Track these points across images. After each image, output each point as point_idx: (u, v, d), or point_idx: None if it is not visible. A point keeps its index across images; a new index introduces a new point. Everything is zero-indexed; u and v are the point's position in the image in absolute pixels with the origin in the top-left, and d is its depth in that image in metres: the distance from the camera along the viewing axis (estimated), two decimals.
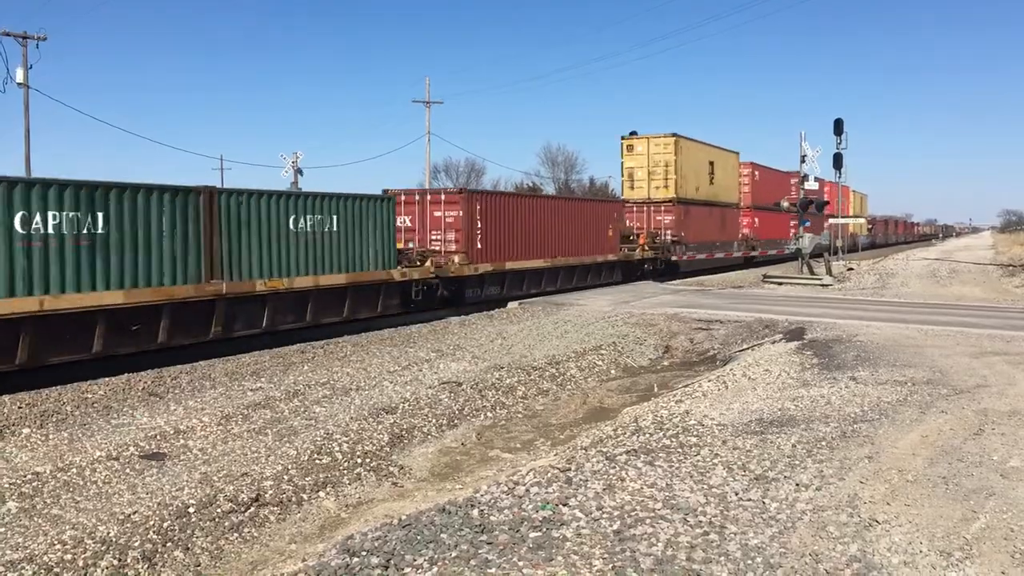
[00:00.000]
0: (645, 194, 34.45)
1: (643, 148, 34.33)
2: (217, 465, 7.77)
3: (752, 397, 9.90)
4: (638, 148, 34.38)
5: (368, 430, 9.17)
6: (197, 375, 12.06)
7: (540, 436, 9.71)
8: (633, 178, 34.66)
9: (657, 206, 34.22)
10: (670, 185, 34.13)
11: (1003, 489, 6.35)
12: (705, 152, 37.23)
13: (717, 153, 39.19)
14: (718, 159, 38.94)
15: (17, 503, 6.71)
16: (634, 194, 34.59)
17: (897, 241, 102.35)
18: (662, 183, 34.20)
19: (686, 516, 5.82)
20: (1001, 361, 12.12)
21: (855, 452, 7.39)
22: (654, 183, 34.34)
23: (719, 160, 39.06)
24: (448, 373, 12.47)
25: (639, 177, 34.56)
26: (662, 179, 34.19)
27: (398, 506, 6.98)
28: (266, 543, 6.39)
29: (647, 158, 34.38)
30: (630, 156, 34.71)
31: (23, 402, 10.11)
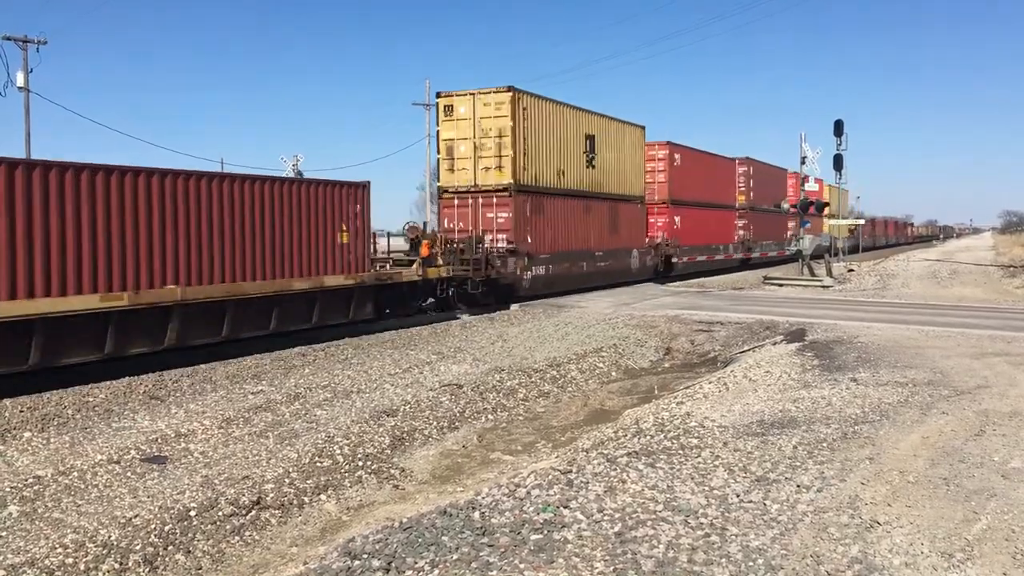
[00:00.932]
0: (470, 178, 23.11)
1: (468, 109, 23.06)
2: (218, 468, 7.77)
3: (753, 399, 9.90)
4: (461, 109, 23.12)
5: (369, 433, 9.17)
6: (198, 378, 12.06)
7: (541, 438, 9.70)
8: (454, 155, 23.34)
9: (487, 197, 22.93)
10: (505, 166, 22.66)
11: (1004, 490, 6.34)
12: (576, 120, 26.18)
13: (602, 124, 27.78)
14: (605, 133, 27.91)
15: (18, 507, 6.71)
16: (455, 179, 23.37)
17: (887, 244, 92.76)
18: (493, 163, 22.81)
19: (687, 518, 5.82)
20: (1002, 362, 12.12)
21: (856, 453, 7.38)
22: (483, 163, 23.02)
23: (608, 134, 28.06)
24: (449, 375, 12.47)
25: (463, 153, 23.22)
26: (494, 156, 22.79)
27: (399, 509, 6.98)
28: (267, 546, 6.39)
29: (473, 125, 23.00)
30: (449, 122, 23.37)
31: (24, 406, 10.11)
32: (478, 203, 23.18)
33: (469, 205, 23.25)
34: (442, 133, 23.61)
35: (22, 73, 34.79)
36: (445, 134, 23.46)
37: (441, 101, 23.67)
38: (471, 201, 23.25)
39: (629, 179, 29.85)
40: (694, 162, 36.20)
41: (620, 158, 29.11)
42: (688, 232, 34.78)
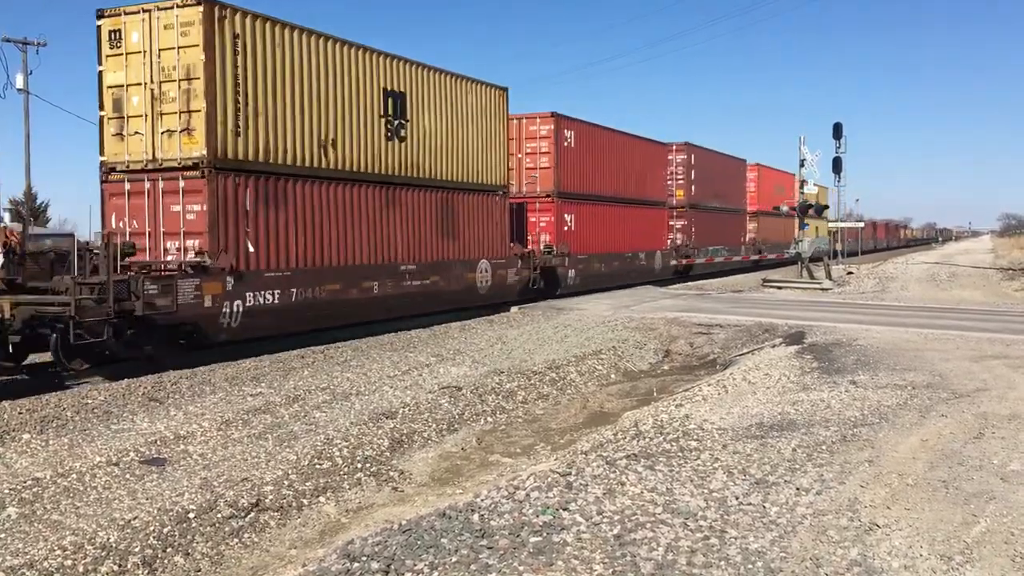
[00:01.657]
0: (146, 149, 14.67)
1: (142, 36, 14.55)
2: (217, 470, 7.77)
3: (752, 401, 9.90)
4: (134, 37, 14.66)
5: (368, 435, 9.17)
6: (197, 380, 12.06)
7: (540, 441, 9.70)
8: (124, 111, 14.84)
9: (170, 179, 14.41)
10: (197, 127, 14.19)
11: (1003, 493, 6.35)
12: (365, 66, 17.42)
13: (423, 78, 19.12)
14: (429, 91, 19.30)
15: (17, 509, 6.71)
16: (125, 150, 14.83)
17: (876, 248, 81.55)
18: (179, 122, 14.31)
19: (686, 520, 5.82)
20: (1001, 365, 12.13)
21: (855, 456, 7.39)
22: (164, 123, 14.52)
23: (434, 95, 19.49)
24: (448, 378, 12.47)
25: (136, 108, 14.76)
26: (179, 112, 14.31)
27: (398, 511, 6.98)
28: (266, 548, 6.39)
29: (150, 61, 14.50)
30: (116, 57, 14.86)
31: (23, 407, 10.10)
32: (157, 189, 14.53)
33: (146, 192, 14.64)
34: (106, 75, 14.84)
35: (21, 75, 34.77)
36: (111, 77, 14.78)
37: (105, 24, 14.75)
38: (149, 186, 14.59)
39: (480, 161, 21.37)
40: (599, 144, 27.80)
41: (461, 130, 20.58)
42: (587, 236, 26.82)
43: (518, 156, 25.37)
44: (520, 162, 25.41)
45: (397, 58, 18.50)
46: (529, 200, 25.25)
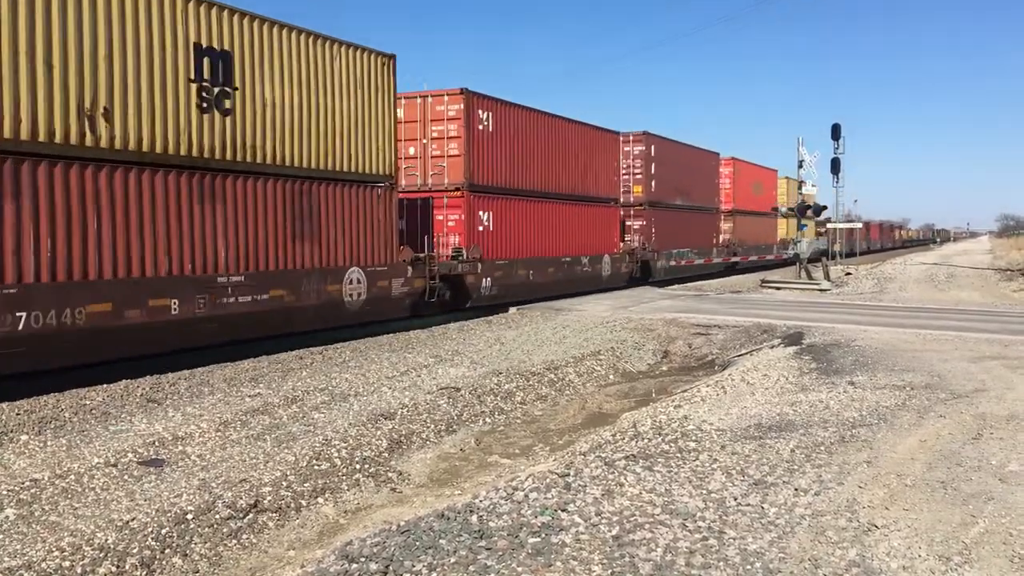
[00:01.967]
0: None
1: None
2: (215, 471, 7.76)
3: (751, 402, 9.90)
4: None
5: (367, 436, 9.16)
6: (195, 381, 12.05)
7: (539, 442, 9.70)
8: None
9: None
10: None
11: (1002, 493, 6.35)
12: (160, 11, 12.91)
13: (256, 33, 14.61)
14: (267, 52, 14.82)
15: (15, 510, 6.70)
16: None
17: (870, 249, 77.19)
18: None
19: (685, 521, 5.82)
20: (999, 365, 12.14)
21: (854, 457, 7.39)
22: None
23: (274, 57, 14.98)
24: (447, 379, 12.47)
25: None
26: None
27: (397, 512, 6.98)
28: (265, 549, 6.38)
29: None
30: None
31: (21, 408, 10.09)
32: None
33: None
34: None
35: None
36: None
37: None
38: None
39: (354, 145, 16.87)
40: (527, 129, 24.00)
41: (325, 106, 16.16)
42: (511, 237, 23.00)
43: (422, 142, 21.54)
44: (425, 148, 21.51)
45: (220, 6, 13.88)
46: (436, 194, 21.32)
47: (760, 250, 45.60)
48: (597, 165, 27.80)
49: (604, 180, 28.35)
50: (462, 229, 21.25)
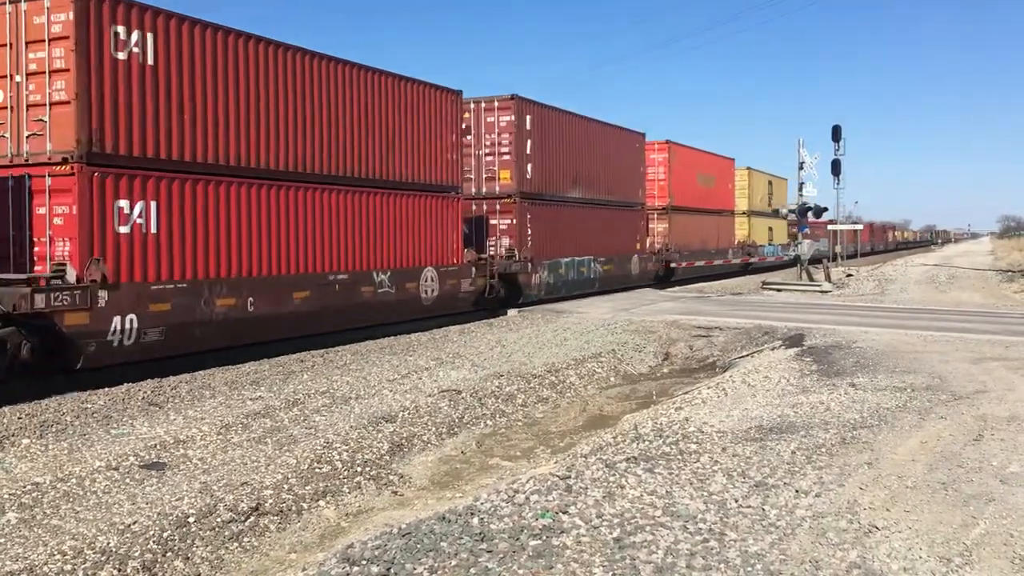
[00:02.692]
0: None
1: None
2: (217, 474, 7.77)
3: (752, 404, 9.90)
4: None
5: (368, 439, 9.17)
6: (197, 384, 12.06)
7: (540, 444, 9.70)
8: None
9: None
10: None
11: (1003, 495, 6.35)
12: None
13: None
14: None
15: (17, 514, 6.71)
16: None
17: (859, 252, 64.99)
18: None
19: (686, 523, 5.82)
20: (1000, 367, 12.13)
21: (855, 458, 7.39)
22: None
23: None
24: (447, 381, 12.47)
25: None
26: None
27: (398, 515, 6.98)
28: (266, 552, 6.39)
29: None
30: None
31: (23, 412, 10.10)
32: None
33: None
34: None
35: None
36: None
37: None
38: None
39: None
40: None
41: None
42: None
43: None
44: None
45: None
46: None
47: (709, 255, 37.17)
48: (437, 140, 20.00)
49: (439, 164, 19.88)
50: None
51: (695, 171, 35.68)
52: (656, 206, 32.62)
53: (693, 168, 35.46)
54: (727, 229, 40.75)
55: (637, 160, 30.23)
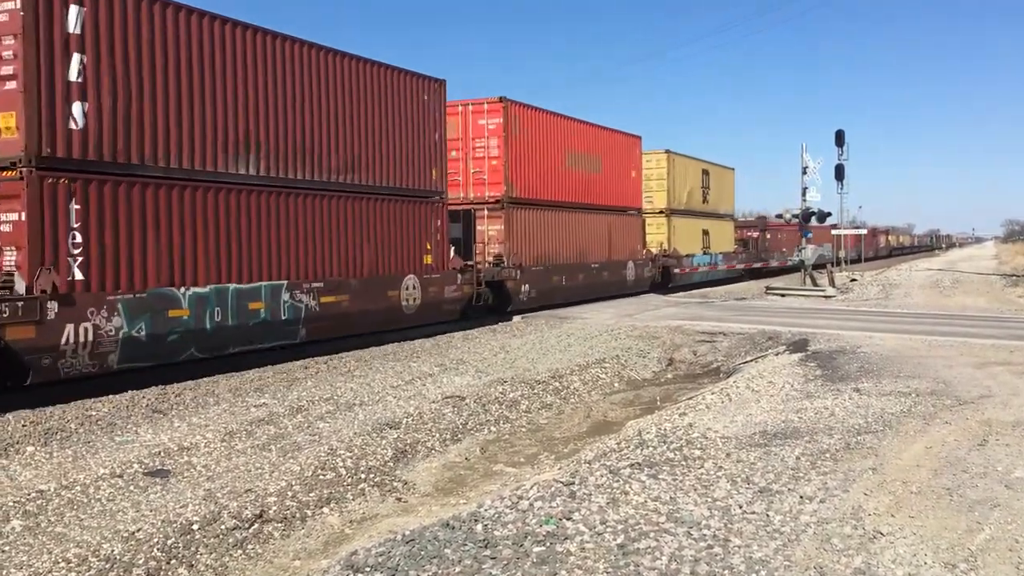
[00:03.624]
0: None
1: None
2: (221, 482, 7.78)
3: (756, 409, 9.89)
4: None
5: (372, 445, 9.17)
6: (201, 391, 12.07)
7: (544, 450, 9.70)
8: None
9: None
10: None
11: (1008, 500, 6.33)
12: None
13: None
14: None
15: (21, 521, 6.72)
16: None
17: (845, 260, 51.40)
18: None
19: (690, 529, 5.82)
20: (1005, 371, 12.11)
21: (859, 464, 7.38)
22: None
23: None
24: (451, 387, 12.47)
25: None
26: None
27: (402, 521, 6.98)
28: (270, 560, 6.39)
29: None
30: None
31: (27, 420, 10.12)
32: None
33: None
34: None
35: None
36: None
37: None
38: None
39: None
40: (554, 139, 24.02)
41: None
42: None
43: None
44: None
45: None
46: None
47: (590, 272, 26.28)
48: None
49: None
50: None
51: (563, 150, 24.94)
52: (486, 198, 22.29)
53: (556, 144, 24.60)
54: (628, 233, 29.18)
55: (433, 125, 19.25)
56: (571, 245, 25.40)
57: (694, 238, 35.80)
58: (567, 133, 25.33)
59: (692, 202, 35.63)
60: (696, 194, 36.16)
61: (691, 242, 35.31)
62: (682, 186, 34.51)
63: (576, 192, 25.77)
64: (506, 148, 21.99)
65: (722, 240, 39.20)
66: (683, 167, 34.84)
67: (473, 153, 22.37)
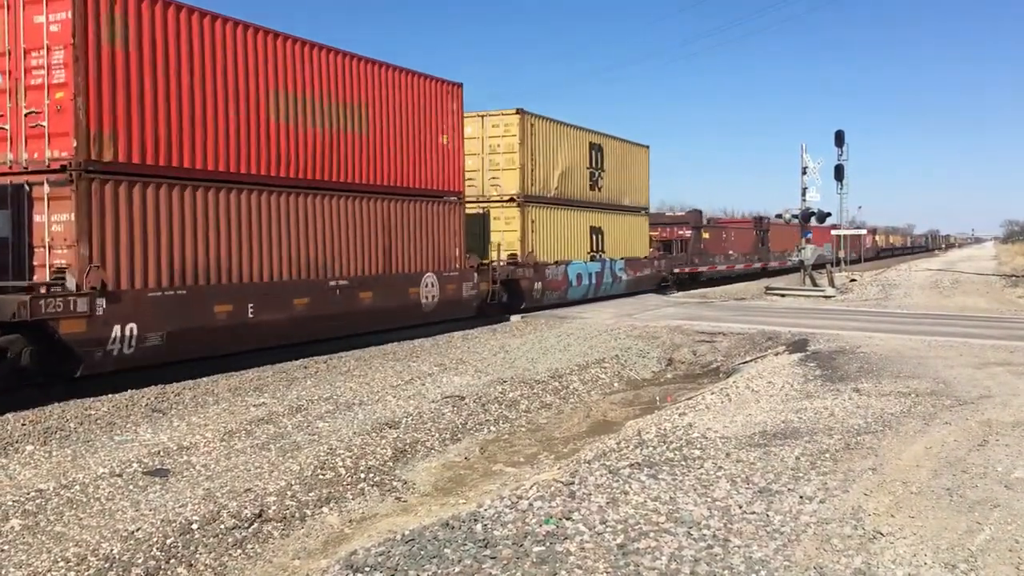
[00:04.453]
0: None
1: None
2: (220, 481, 7.77)
3: (755, 409, 9.89)
4: None
5: (371, 445, 9.16)
6: (200, 391, 12.06)
7: (543, 450, 9.69)
8: None
9: None
10: None
11: (1007, 500, 6.33)
12: None
13: None
14: None
15: (20, 520, 6.71)
16: None
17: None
18: None
19: (690, 529, 5.81)
20: (1004, 372, 12.11)
21: (859, 464, 7.37)
22: None
23: None
24: (451, 387, 12.47)
25: None
26: None
27: (402, 521, 6.98)
28: (269, 559, 6.38)
29: None
30: None
31: (26, 419, 10.11)
32: None
33: None
34: None
35: None
36: None
37: None
38: None
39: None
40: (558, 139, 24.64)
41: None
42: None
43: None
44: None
45: None
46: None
47: (325, 296, 15.74)
48: None
49: None
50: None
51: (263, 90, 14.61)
52: None
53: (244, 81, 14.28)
54: (432, 230, 19.17)
55: None
56: (284, 248, 14.95)
57: (575, 239, 25.52)
58: (277, 61, 14.82)
59: (569, 188, 25.20)
60: (577, 177, 25.64)
61: (569, 244, 25.07)
62: (549, 164, 24.03)
63: (301, 162, 15.35)
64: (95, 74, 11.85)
65: (628, 241, 29.19)
66: (551, 137, 24.20)
67: None
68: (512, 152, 22.74)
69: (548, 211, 24.07)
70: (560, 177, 24.68)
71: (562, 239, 24.84)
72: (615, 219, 28.20)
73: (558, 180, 24.56)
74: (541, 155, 23.60)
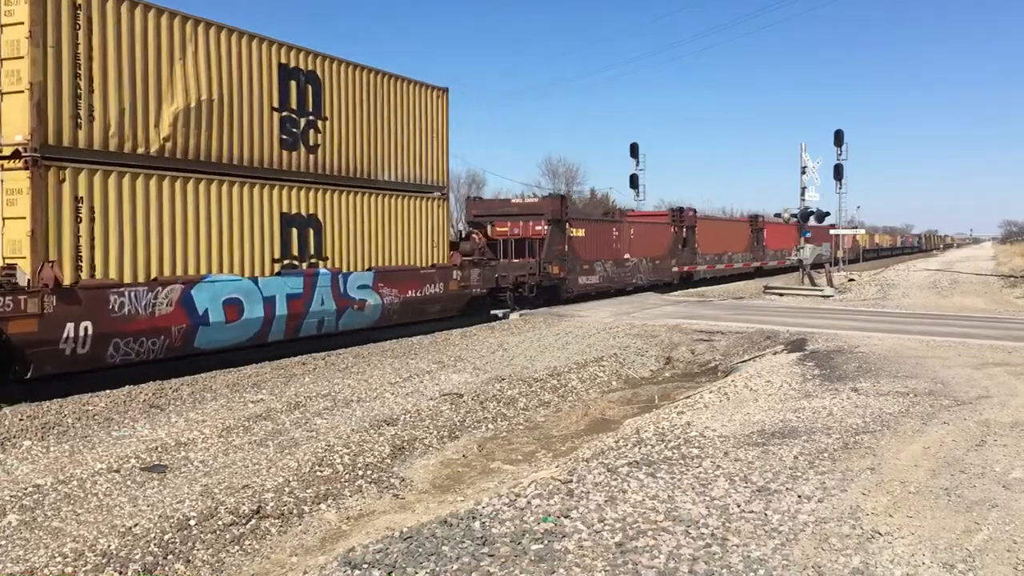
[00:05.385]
0: None
1: None
2: (218, 477, 7.76)
3: (754, 408, 9.89)
4: None
5: (369, 442, 9.16)
6: (198, 387, 12.05)
7: (542, 448, 9.69)
8: None
9: None
10: None
11: (1006, 500, 6.33)
12: None
13: None
14: None
15: (18, 516, 6.70)
16: None
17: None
18: None
19: (688, 528, 5.81)
20: (1002, 372, 12.11)
21: (857, 463, 7.37)
22: None
23: None
24: (449, 385, 12.46)
25: None
26: None
27: (400, 518, 6.97)
28: (267, 556, 6.37)
29: None
30: None
31: (24, 414, 10.10)
32: None
33: None
34: None
35: None
36: None
37: None
38: None
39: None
40: None
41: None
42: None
43: None
44: None
45: None
46: None
47: None
48: None
49: None
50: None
51: None
52: None
53: None
54: None
55: None
56: None
57: (243, 234, 14.23)
58: None
59: (215, 140, 13.75)
60: (255, 124, 14.54)
61: (214, 245, 13.68)
62: (147, 88, 12.65)
63: None
64: None
65: (395, 240, 17.99)
66: (155, 38, 12.73)
67: None
68: (17, 56, 11.18)
69: (141, 180, 12.46)
70: (183, 117, 13.21)
71: (187, 236, 13.22)
72: (358, 202, 16.97)
73: (173, 121, 13.04)
74: (117, 67, 12.18)
